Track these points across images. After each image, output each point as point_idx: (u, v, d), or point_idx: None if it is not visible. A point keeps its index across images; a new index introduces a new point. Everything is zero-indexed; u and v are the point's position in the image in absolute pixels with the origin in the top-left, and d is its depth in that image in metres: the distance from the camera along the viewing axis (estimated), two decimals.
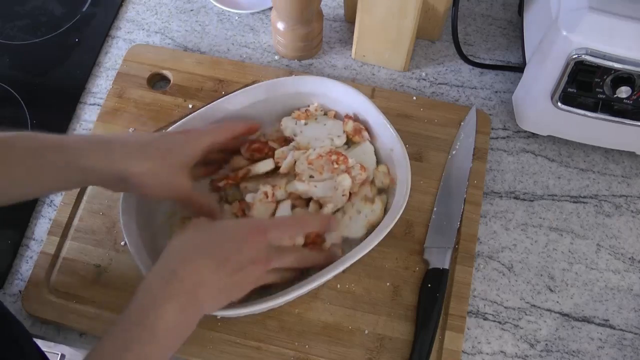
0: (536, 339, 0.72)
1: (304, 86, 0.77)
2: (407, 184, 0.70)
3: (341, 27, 0.92)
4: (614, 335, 0.72)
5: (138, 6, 0.94)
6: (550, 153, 0.82)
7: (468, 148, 0.79)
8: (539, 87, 0.74)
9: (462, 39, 0.90)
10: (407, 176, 0.71)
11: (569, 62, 0.68)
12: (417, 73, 0.88)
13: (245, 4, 0.93)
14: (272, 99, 0.76)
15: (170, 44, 0.90)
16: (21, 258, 0.75)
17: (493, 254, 0.76)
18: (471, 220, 0.76)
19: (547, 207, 0.79)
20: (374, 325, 0.70)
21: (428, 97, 0.86)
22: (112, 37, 0.91)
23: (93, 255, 0.74)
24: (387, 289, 0.72)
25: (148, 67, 0.85)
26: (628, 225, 0.78)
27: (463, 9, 0.93)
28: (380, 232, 0.67)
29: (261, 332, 0.70)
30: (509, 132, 0.84)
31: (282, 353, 0.69)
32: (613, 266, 0.76)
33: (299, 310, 0.71)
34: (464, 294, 0.72)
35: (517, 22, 0.92)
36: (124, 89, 0.84)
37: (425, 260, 0.73)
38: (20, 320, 0.62)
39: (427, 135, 0.81)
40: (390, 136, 0.73)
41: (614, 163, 0.82)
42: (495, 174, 0.81)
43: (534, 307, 0.73)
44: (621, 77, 0.68)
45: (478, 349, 0.71)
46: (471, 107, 0.82)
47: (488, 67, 0.88)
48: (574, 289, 0.74)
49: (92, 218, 0.76)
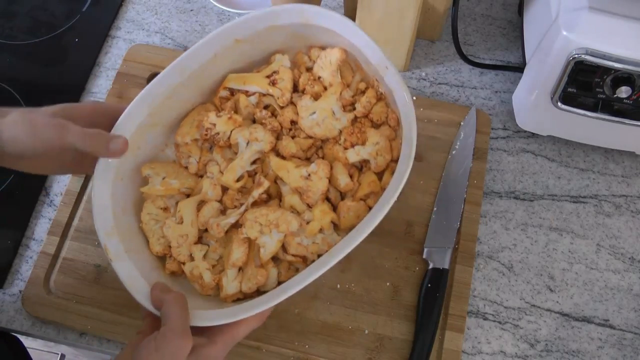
0: (536, 339, 0.72)
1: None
2: (411, 129, 0.59)
3: None
4: (614, 335, 0.72)
5: (138, 6, 0.94)
6: (550, 153, 0.82)
7: (468, 148, 0.79)
8: (539, 87, 0.74)
9: (462, 39, 0.90)
10: (411, 115, 0.60)
11: (569, 62, 0.68)
12: (417, 73, 0.88)
13: (245, 4, 0.93)
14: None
15: (170, 44, 0.90)
16: (21, 258, 0.75)
17: (493, 254, 0.76)
18: (471, 220, 0.76)
19: (547, 207, 0.79)
20: (374, 325, 0.70)
21: (428, 97, 0.86)
22: (112, 37, 0.91)
23: (93, 255, 0.74)
24: (387, 288, 0.72)
25: (148, 67, 0.85)
26: (628, 225, 0.78)
27: (463, 9, 0.93)
28: (386, 204, 0.57)
29: (261, 332, 0.70)
30: (509, 132, 0.84)
31: (282, 353, 0.69)
32: (613, 266, 0.76)
33: (299, 309, 0.71)
34: (464, 294, 0.72)
35: (517, 22, 0.92)
36: (124, 89, 0.84)
37: (425, 260, 0.73)
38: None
39: (427, 135, 0.81)
40: (379, 57, 0.63)
41: (614, 163, 0.82)
42: (495, 174, 0.81)
43: (534, 307, 0.73)
44: (621, 77, 0.68)
45: (478, 349, 0.71)
46: (471, 107, 0.82)
47: (488, 67, 0.88)
48: (574, 289, 0.74)
49: (92, 218, 0.75)
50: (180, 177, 0.67)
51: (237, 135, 0.65)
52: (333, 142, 0.66)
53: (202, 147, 0.68)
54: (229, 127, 0.65)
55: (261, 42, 0.67)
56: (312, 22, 0.65)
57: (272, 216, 0.61)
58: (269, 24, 0.65)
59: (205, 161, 0.67)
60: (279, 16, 0.65)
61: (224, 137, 0.66)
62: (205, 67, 0.66)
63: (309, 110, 0.65)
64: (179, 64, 0.64)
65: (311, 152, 0.67)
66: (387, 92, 0.64)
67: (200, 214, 0.65)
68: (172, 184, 0.66)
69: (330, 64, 0.66)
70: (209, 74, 0.67)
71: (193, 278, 0.63)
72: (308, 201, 0.63)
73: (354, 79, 0.67)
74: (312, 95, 0.66)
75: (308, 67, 0.68)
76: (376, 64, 0.63)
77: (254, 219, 0.61)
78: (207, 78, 0.68)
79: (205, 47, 0.65)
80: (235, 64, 0.68)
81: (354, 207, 0.63)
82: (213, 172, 0.66)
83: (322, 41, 0.68)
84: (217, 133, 0.65)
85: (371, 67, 0.64)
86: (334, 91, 0.65)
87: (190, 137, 0.67)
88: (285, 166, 0.64)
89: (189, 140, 0.67)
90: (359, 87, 0.67)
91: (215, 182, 0.65)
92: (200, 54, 0.65)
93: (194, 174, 0.68)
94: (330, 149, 0.65)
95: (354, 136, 0.65)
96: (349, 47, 0.65)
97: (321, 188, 0.63)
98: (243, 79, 0.68)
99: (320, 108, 0.65)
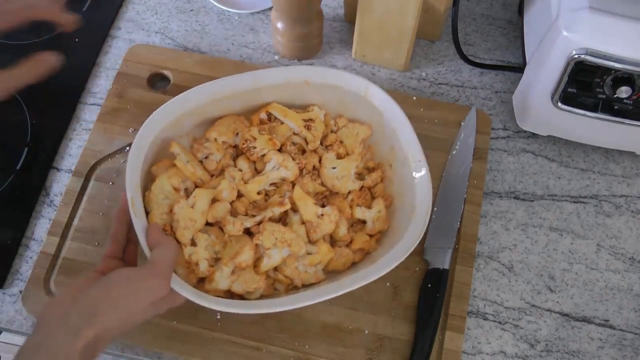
0: (536, 339, 0.72)
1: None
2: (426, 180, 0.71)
3: (341, 27, 0.92)
4: (614, 335, 0.72)
5: (138, 6, 0.94)
6: (550, 153, 0.82)
7: (468, 148, 0.79)
8: (539, 87, 0.74)
9: (462, 39, 0.90)
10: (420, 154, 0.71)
11: (569, 62, 0.68)
12: (417, 73, 0.88)
13: (245, 4, 0.93)
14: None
15: (170, 44, 0.90)
16: (21, 258, 0.75)
17: (493, 254, 0.76)
18: (471, 220, 0.76)
19: (547, 207, 0.79)
20: (374, 325, 0.70)
21: (428, 97, 0.86)
22: (112, 37, 0.91)
23: (93, 255, 0.74)
24: (387, 289, 0.72)
25: (148, 67, 0.85)
26: (628, 225, 0.78)
27: (463, 9, 0.93)
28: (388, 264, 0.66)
29: (261, 332, 0.70)
30: (509, 132, 0.84)
31: (282, 353, 0.69)
32: (613, 266, 0.76)
33: (299, 310, 0.71)
34: (464, 294, 0.72)
35: (517, 22, 0.92)
36: (124, 89, 0.84)
37: (425, 260, 0.73)
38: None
39: (427, 135, 0.80)
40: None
41: (614, 163, 0.82)
42: (496, 174, 0.81)
43: (534, 307, 0.73)
44: (621, 77, 0.68)
45: (478, 349, 0.71)
46: (471, 107, 0.82)
47: (488, 67, 0.88)
48: (574, 289, 0.74)
49: (92, 218, 0.76)
50: (198, 168, 0.72)
51: (272, 156, 0.72)
52: (341, 197, 0.74)
53: (225, 151, 0.74)
54: (267, 146, 0.73)
55: (313, 91, 0.76)
56: (370, 100, 0.74)
57: (287, 235, 0.68)
58: (337, 83, 0.75)
59: (225, 164, 0.73)
60: (349, 83, 0.74)
61: (259, 153, 0.73)
62: (261, 90, 0.75)
63: (331, 164, 0.74)
64: (248, 77, 0.74)
65: (319, 198, 0.74)
66: (399, 181, 0.74)
67: (214, 209, 0.69)
68: (194, 170, 0.71)
69: (357, 135, 0.76)
70: (259, 96, 0.75)
71: (185, 262, 0.66)
72: (313, 236, 0.70)
73: (365, 155, 0.77)
74: (336, 153, 0.76)
75: (332, 130, 0.77)
76: (411, 162, 0.72)
77: (271, 231, 0.67)
78: (256, 98, 0.75)
79: (278, 73, 0.75)
80: (281, 97, 0.76)
81: (347, 255, 0.71)
82: (235, 176, 0.72)
83: (359, 114, 0.77)
84: (254, 147, 0.73)
85: (396, 154, 0.74)
86: (355, 158, 0.75)
87: (224, 138, 0.73)
88: (305, 199, 0.71)
89: (221, 141, 0.73)
90: (369, 165, 0.77)
91: (234, 186, 0.71)
92: (269, 77, 0.74)
93: (209, 170, 0.73)
94: (341, 202, 0.73)
95: (362, 199, 0.74)
96: (388, 132, 0.74)
97: (328, 229, 0.70)
98: (285, 112, 0.75)
99: (342, 166, 0.74)
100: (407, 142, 0.72)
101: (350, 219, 0.73)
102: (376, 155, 0.77)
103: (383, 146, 0.76)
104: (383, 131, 0.75)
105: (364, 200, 0.74)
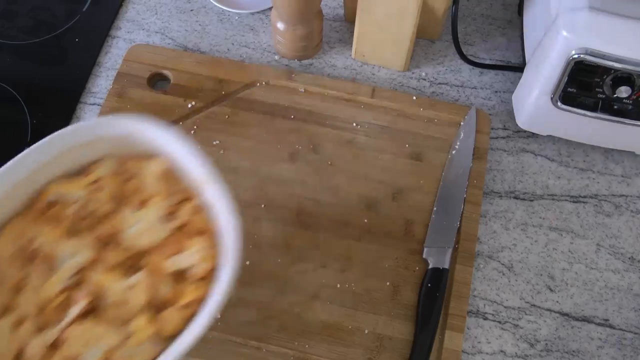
0: (536, 339, 0.72)
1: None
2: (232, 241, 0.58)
3: (341, 27, 0.92)
4: (613, 335, 0.72)
5: (138, 6, 0.94)
6: (550, 153, 0.83)
7: (468, 148, 0.79)
8: (539, 87, 0.74)
9: (462, 38, 0.90)
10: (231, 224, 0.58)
11: (569, 62, 0.68)
12: (417, 73, 0.88)
13: (245, 4, 0.93)
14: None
15: (170, 44, 0.90)
16: None
17: (493, 254, 0.76)
18: (471, 220, 0.76)
19: (547, 206, 0.79)
20: (374, 325, 0.71)
21: (428, 97, 0.86)
22: (112, 37, 0.91)
23: None
24: (387, 288, 0.72)
25: (148, 67, 0.85)
26: (628, 225, 0.78)
27: (463, 9, 0.93)
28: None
29: (261, 332, 0.70)
30: (509, 132, 0.84)
31: (282, 353, 0.69)
32: (613, 266, 0.76)
33: (299, 309, 0.71)
34: (463, 294, 0.72)
35: (517, 22, 0.92)
36: (124, 89, 0.84)
37: (425, 260, 0.73)
38: None
39: (427, 135, 0.81)
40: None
41: (614, 163, 0.82)
42: (495, 174, 0.81)
43: (533, 307, 0.73)
44: (621, 77, 0.68)
45: (478, 348, 0.71)
46: (471, 107, 0.82)
47: (488, 67, 0.88)
48: (574, 289, 0.74)
49: None
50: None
51: (57, 248, 0.61)
52: (157, 251, 0.62)
53: (18, 260, 0.61)
54: (49, 238, 0.61)
55: (89, 149, 0.65)
56: (136, 135, 0.65)
57: (97, 330, 0.58)
58: (96, 134, 0.64)
59: (22, 275, 0.60)
60: (102, 128, 0.64)
61: (45, 250, 0.61)
62: (31, 176, 0.63)
63: (131, 221, 0.63)
64: (6, 171, 0.61)
65: (128, 265, 0.62)
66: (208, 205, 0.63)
67: (17, 335, 0.57)
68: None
69: (153, 173, 0.64)
70: (35, 182, 0.63)
71: None
72: (129, 313, 0.60)
73: (171, 189, 0.65)
74: (137, 204, 0.64)
75: (127, 178, 0.65)
76: (197, 177, 0.62)
77: (77, 335, 0.58)
78: (33, 186, 0.64)
79: (33, 155, 0.63)
80: (66, 168, 0.65)
81: (177, 315, 0.60)
82: (31, 286, 0.59)
83: (151, 149, 0.65)
84: (35, 248, 0.61)
85: (192, 179, 0.63)
86: (156, 202, 0.63)
87: (8, 251, 0.61)
88: (103, 282, 0.60)
89: (8, 255, 0.60)
90: (180, 197, 0.65)
91: (32, 299, 0.59)
92: (27, 163, 0.62)
93: (9, 288, 0.60)
94: (156, 257, 0.62)
95: (175, 245, 0.62)
96: (174, 158, 0.64)
97: (141, 300, 0.59)
98: (65, 188, 0.64)
99: (144, 218, 0.63)
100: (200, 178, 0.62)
101: (169, 274, 0.61)
102: (186, 180, 0.65)
103: (188, 169, 0.64)
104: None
105: (179, 244, 0.62)
